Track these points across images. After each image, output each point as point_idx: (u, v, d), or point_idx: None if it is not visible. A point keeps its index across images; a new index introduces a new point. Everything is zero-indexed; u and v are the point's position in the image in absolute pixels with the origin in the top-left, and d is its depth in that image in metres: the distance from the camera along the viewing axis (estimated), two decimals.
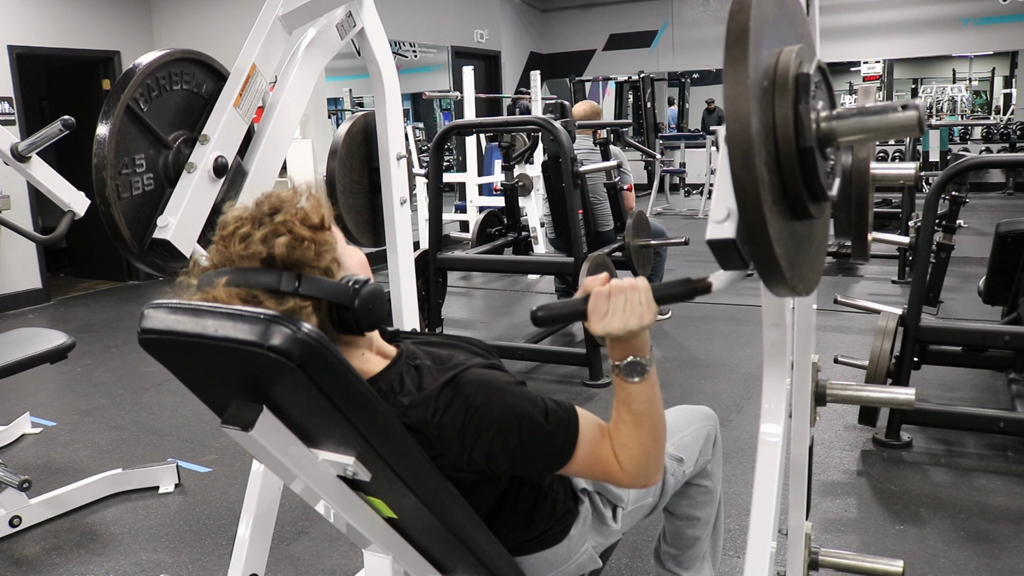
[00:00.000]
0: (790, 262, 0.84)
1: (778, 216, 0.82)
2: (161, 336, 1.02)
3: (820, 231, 1.02)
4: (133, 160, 1.62)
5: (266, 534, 1.74)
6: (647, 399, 1.12)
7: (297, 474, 1.07)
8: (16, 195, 5.96)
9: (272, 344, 0.92)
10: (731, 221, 0.85)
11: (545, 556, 1.37)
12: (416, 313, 2.14)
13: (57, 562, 2.43)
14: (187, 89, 1.73)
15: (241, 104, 1.70)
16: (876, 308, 3.18)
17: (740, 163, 0.76)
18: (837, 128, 0.85)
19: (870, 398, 1.78)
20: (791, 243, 0.86)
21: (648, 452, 1.14)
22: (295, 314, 1.05)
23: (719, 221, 0.85)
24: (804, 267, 0.91)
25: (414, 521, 1.22)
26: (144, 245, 1.63)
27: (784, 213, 0.85)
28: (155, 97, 1.65)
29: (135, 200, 1.62)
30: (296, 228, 1.10)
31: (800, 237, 0.90)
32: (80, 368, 4.40)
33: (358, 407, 1.02)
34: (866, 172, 1.30)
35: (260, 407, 1.01)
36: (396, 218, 2.05)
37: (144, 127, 1.63)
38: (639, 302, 1.05)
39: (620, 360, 1.11)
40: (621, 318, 1.04)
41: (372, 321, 1.11)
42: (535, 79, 7.26)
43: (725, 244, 0.86)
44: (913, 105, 0.81)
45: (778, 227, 0.81)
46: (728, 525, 2.42)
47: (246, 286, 1.06)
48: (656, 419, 1.14)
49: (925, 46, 11.33)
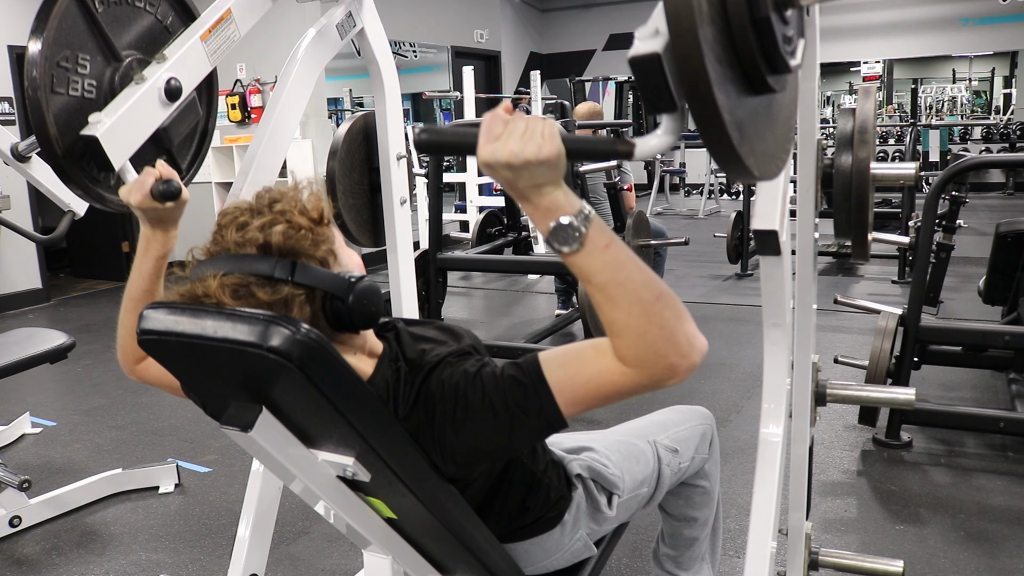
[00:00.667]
0: (738, 124, 0.70)
1: (723, 67, 0.68)
2: (160, 337, 1.01)
3: (785, 107, 0.86)
4: (76, 56, 1.50)
5: (266, 534, 1.74)
6: (604, 266, 0.89)
7: (297, 474, 1.07)
8: (16, 195, 5.96)
9: (271, 345, 0.92)
10: (659, 38, 0.68)
11: (539, 542, 1.37)
12: (416, 313, 2.14)
13: (57, 562, 2.43)
14: (151, 13, 1.65)
15: (209, 41, 1.62)
16: (876, 308, 3.18)
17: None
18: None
19: (870, 398, 1.79)
20: (739, 105, 0.71)
21: (642, 329, 0.89)
22: (288, 303, 1.03)
23: (644, 37, 0.69)
24: (760, 141, 0.76)
25: (414, 521, 1.22)
26: (72, 150, 1.50)
27: (732, 70, 0.71)
28: (113, 3, 1.56)
29: (69, 101, 1.49)
30: (295, 217, 1.09)
31: (755, 107, 0.76)
32: (80, 368, 4.40)
33: (357, 408, 1.02)
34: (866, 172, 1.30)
35: (259, 408, 1.01)
36: (396, 218, 2.05)
37: (96, 27, 1.53)
38: (540, 132, 0.84)
39: (545, 232, 0.88)
40: (515, 142, 0.83)
41: (367, 318, 1.09)
42: (535, 79, 7.26)
43: (649, 62, 0.68)
44: None
45: (721, 77, 0.67)
46: (728, 525, 2.42)
47: (239, 272, 1.04)
48: (635, 286, 0.89)
49: (925, 46, 11.33)
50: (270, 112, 1.77)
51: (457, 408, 1.07)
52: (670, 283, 5.76)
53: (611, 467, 1.47)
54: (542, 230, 0.89)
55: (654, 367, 0.91)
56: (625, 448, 1.55)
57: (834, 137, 1.40)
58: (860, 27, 11.20)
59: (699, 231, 8.25)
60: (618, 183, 4.59)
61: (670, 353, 0.90)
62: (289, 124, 1.80)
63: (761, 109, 0.78)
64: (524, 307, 5.67)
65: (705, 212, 9.69)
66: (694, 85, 0.65)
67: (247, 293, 1.03)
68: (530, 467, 1.32)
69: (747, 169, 0.72)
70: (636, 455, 1.55)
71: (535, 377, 1.01)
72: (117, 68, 1.58)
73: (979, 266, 4.32)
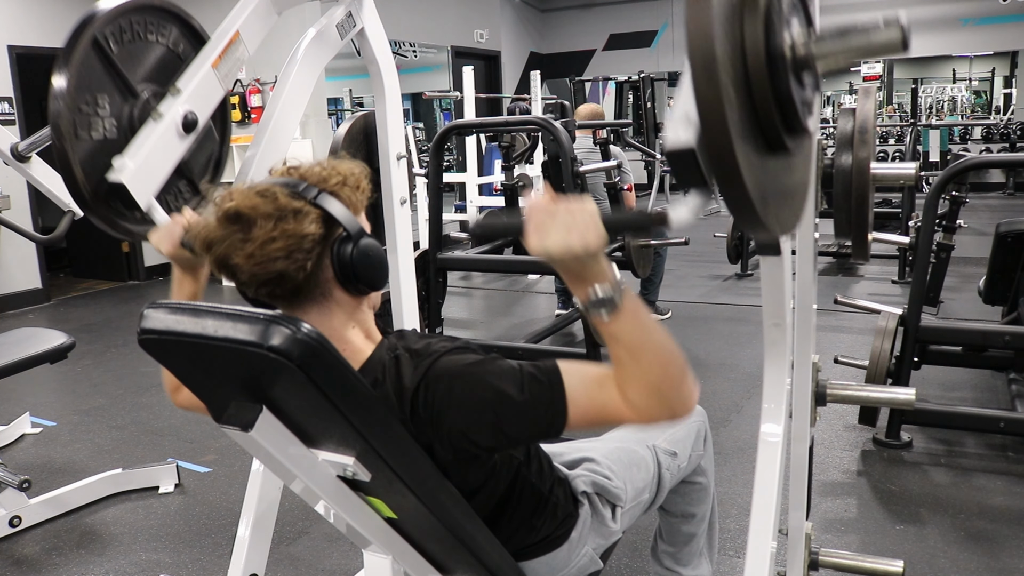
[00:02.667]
0: (762, 194, 0.75)
1: (747, 142, 0.73)
2: (161, 336, 1.02)
3: (800, 168, 0.92)
4: (95, 99, 1.54)
5: (266, 534, 1.74)
6: (632, 330, 0.99)
7: (297, 474, 1.07)
8: (16, 195, 5.96)
9: (272, 344, 0.92)
10: (690, 128, 0.75)
11: (546, 560, 1.37)
12: (416, 313, 2.14)
13: (57, 562, 2.43)
14: (162, 44, 1.67)
15: (219, 67, 1.64)
16: (876, 308, 3.18)
17: (703, 76, 0.68)
18: (815, 51, 0.77)
19: (870, 398, 1.79)
20: (763, 173, 0.76)
21: (656, 383, 1.00)
22: (301, 215, 1.09)
23: (677, 128, 0.76)
24: (779, 204, 0.82)
25: (414, 521, 1.22)
26: (98, 191, 1.53)
27: (755, 142, 0.76)
28: (127, 41, 1.58)
29: (94, 144, 1.53)
30: (339, 167, 1.17)
31: (775, 169, 0.81)
32: (80, 368, 4.40)
33: (357, 407, 1.02)
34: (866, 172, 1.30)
35: (260, 407, 1.01)
36: (396, 218, 2.05)
37: (112, 68, 1.56)
38: (583, 223, 0.92)
39: (584, 300, 0.99)
40: (563, 235, 0.91)
41: (371, 276, 1.14)
42: (535, 79, 7.26)
43: (683, 154, 0.75)
44: (895, 21, 0.72)
45: (747, 153, 0.72)
46: (728, 525, 2.42)
47: (268, 183, 1.11)
48: (655, 348, 1.01)
49: (925, 46, 11.33)
50: (270, 112, 1.77)
51: (464, 386, 1.10)
52: (670, 283, 5.74)
53: (614, 479, 1.48)
54: (580, 299, 0.99)
55: (658, 414, 1.02)
56: (626, 456, 1.55)
57: (834, 137, 1.40)
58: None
59: (699, 231, 8.24)
60: (618, 183, 4.59)
61: (675, 405, 1.02)
62: (289, 124, 1.80)
63: (781, 170, 0.83)
64: (524, 307, 5.67)
65: (705, 212, 9.68)
66: (723, 170, 0.71)
67: (271, 195, 1.09)
68: (537, 486, 1.33)
69: (770, 231, 0.79)
70: (637, 462, 1.55)
71: (554, 377, 1.07)
72: (135, 104, 1.62)
73: (979, 266, 4.32)
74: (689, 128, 0.74)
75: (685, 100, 0.73)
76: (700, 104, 0.69)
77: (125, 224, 1.60)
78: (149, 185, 1.55)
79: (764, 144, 0.77)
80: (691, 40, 0.68)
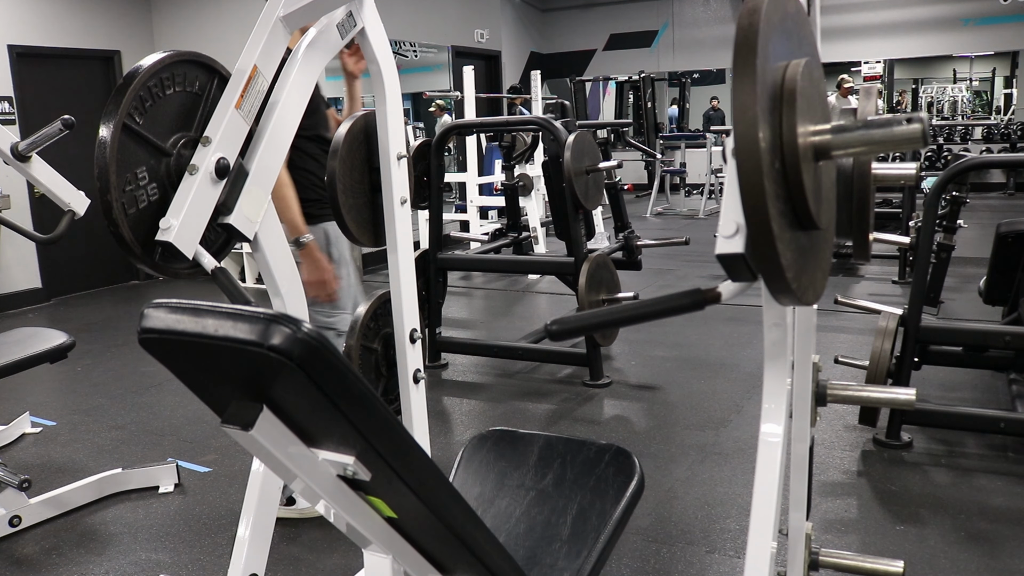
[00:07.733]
0: (796, 272, 0.85)
1: (784, 228, 0.83)
2: (161, 336, 1.01)
3: (826, 240, 1.03)
4: (136, 175, 1.61)
5: (266, 534, 1.74)
6: None
7: (297, 474, 1.07)
8: (16, 195, 5.96)
9: (272, 344, 0.92)
10: (740, 236, 0.87)
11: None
12: (416, 313, 2.14)
13: (57, 562, 2.43)
14: (182, 90, 1.72)
15: (243, 105, 1.70)
16: (876, 308, 3.18)
17: (748, 176, 0.78)
18: (836, 142, 0.88)
19: (870, 398, 1.78)
20: (797, 253, 0.87)
21: None
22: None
23: (728, 236, 0.88)
24: (810, 276, 0.92)
25: (414, 521, 1.22)
26: (150, 251, 1.63)
27: (790, 224, 0.86)
28: (149, 107, 1.64)
29: (142, 212, 1.63)
30: None
31: (806, 246, 0.91)
32: (80, 368, 4.40)
33: (358, 407, 1.02)
34: (867, 172, 1.30)
35: (260, 407, 1.01)
36: (396, 218, 2.05)
37: (142, 140, 1.63)
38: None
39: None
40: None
41: None
42: (535, 79, 7.26)
43: (734, 259, 0.88)
44: (918, 118, 0.81)
45: (785, 239, 0.82)
46: (728, 525, 2.42)
47: None
48: None
49: (926, 46, 11.34)
50: (270, 112, 1.77)
51: None
52: (670, 283, 5.74)
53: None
54: None
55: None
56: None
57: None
58: (860, 27, 11.20)
59: (699, 231, 8.26)
60: (619, 183, 4.59)
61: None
62: (289, 124, 1.80)
63: (809, 246, 0.92)
64: (524, 307, 5.67)
65: (705, 212, 9.69)
66: (768, 267, 0.81)
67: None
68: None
69: (802, 302, 0.89)
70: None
71: None
72: (169, 161, 1.67)
73: (979, 266, 4.32)
74: (739, 236, 0.86)
75: (731, 198, 0.86)
76: (746, 202, 0.78)
77: (174, 266, 1.67)
78: (193, 236, 1.63)
79: (797, 223, 0.87)
80: (737, 138, 0.77)
